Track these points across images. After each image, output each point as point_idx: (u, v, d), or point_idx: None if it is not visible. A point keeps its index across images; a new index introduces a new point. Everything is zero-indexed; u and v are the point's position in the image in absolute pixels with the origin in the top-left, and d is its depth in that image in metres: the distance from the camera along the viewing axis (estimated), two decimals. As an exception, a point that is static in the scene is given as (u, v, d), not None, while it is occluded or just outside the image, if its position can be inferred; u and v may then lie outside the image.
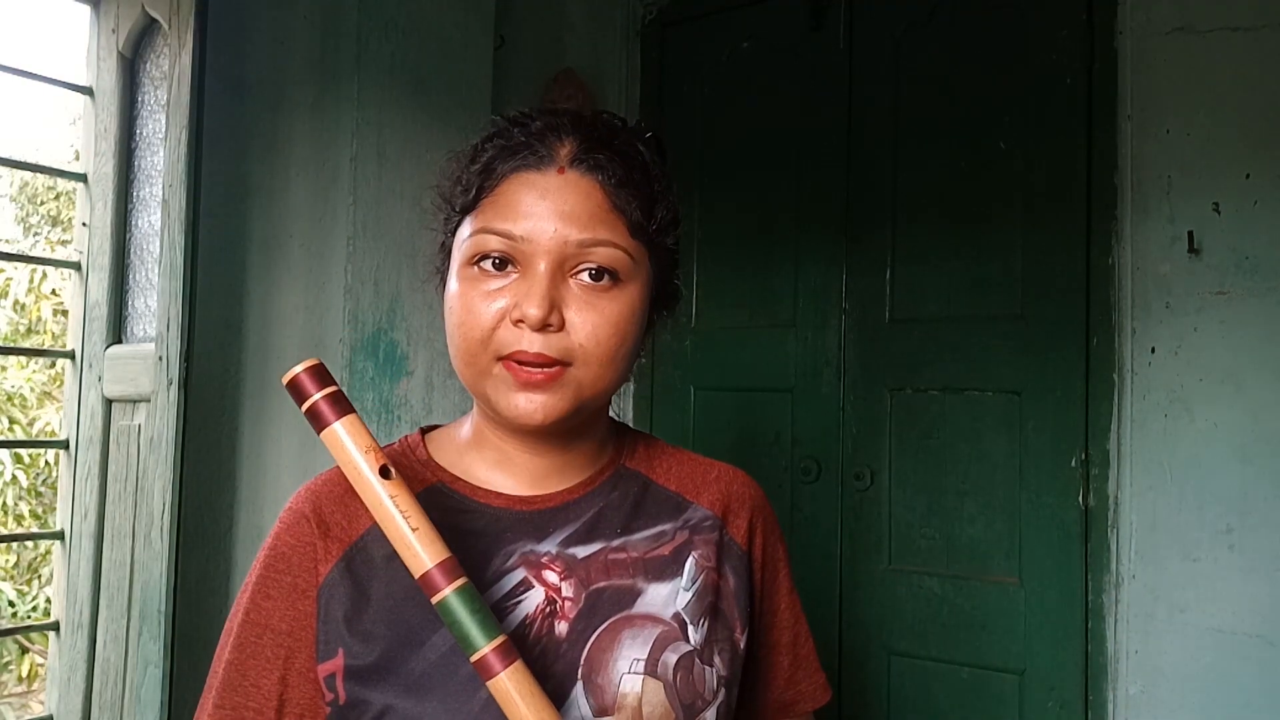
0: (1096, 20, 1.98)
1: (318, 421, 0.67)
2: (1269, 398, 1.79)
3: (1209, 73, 1.87)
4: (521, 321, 0.71)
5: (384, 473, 0.66)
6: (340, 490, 0.77)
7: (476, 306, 0.72)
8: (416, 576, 0.65)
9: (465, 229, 0.76)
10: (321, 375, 0.68)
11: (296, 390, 0.67)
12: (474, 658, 0.63)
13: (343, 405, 0.67)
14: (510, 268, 0.73)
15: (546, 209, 0.72)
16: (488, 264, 0.73)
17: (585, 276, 0.72)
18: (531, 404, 0.72)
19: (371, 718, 0.70)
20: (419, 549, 0.65)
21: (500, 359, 0.72)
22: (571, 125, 0.76)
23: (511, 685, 0.63)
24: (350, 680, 0.71)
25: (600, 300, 0.72)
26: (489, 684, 0.64)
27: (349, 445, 0.66)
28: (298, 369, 0.67)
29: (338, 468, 0.79)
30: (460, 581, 0.64)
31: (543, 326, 0.70)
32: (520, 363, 0.71)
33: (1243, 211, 1.83)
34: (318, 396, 0.66)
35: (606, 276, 0.73)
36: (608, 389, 0.75)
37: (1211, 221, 1.86)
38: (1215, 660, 1.81)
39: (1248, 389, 1.81)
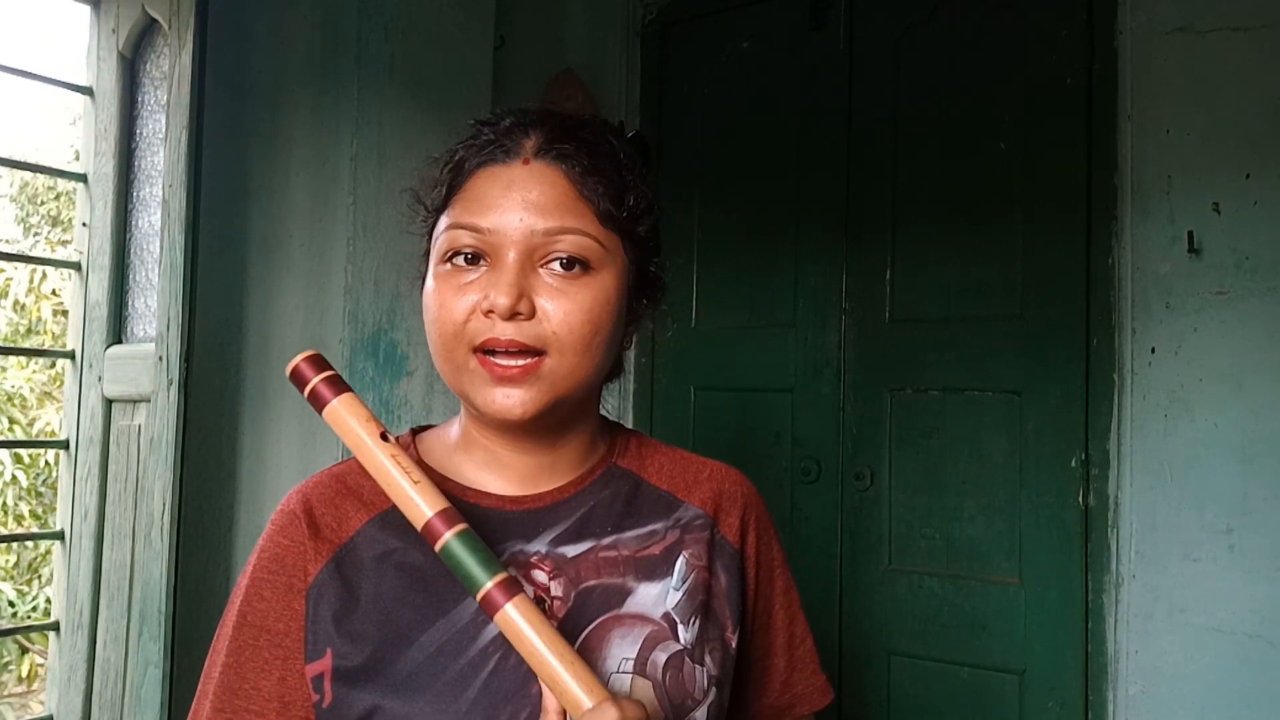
0: (1096, 20, 1.98)
1: (318, 403, 0.71)
2: (1269, 398, 1.79)
3: (1209, 73, 1.87)
4: (492, 312, 0.71)
5: (383, 438, 0.70)
6: (332, 491, 0.77)
7: (449, 301, 0.73)
8: (420, 527, 0.68)
9: (439, 227, 0.77)
10: (318, 363, 0.72)
11: (298, 378, 0.72)
12: (479, 595, 0.65)
13: (339, 386, 0.71)
14: (481, 261, 0.73)
15: (512, 200, 0.72)
16: (460, 259, 0.74)
17: (556, 265, 0.72)
18: (509, 399, 0.72)
19: (359, 718, 0.70)
20: (419, 501, 0.68)
21: (475, 350, 0.72)
22: (538, 119, 0.77)
23: (518, 615, 0.64)
24: (337, 681, 0.71)
25: (572, 288, 0.72)
26: (496, 618, 0.65)
27: (348, 418, 0.70)
28: (296, 359, 0.72)
29: (328, 470, 0.80)
30: (460, 527, 0.67)
31: (512, 315, 0.71)
32: (494, 351, 0.72)
33: (1243, 211, 1.83)
34: (316, 380, 0.71)
35: (577, 265, 0.73)
36: (585, 379, 0.75)
37: (1211, 221, 1.86)
38: (1215, 660, 1.81)
39: (1248, 389, 1.81)
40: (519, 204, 0.72)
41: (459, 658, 0.71)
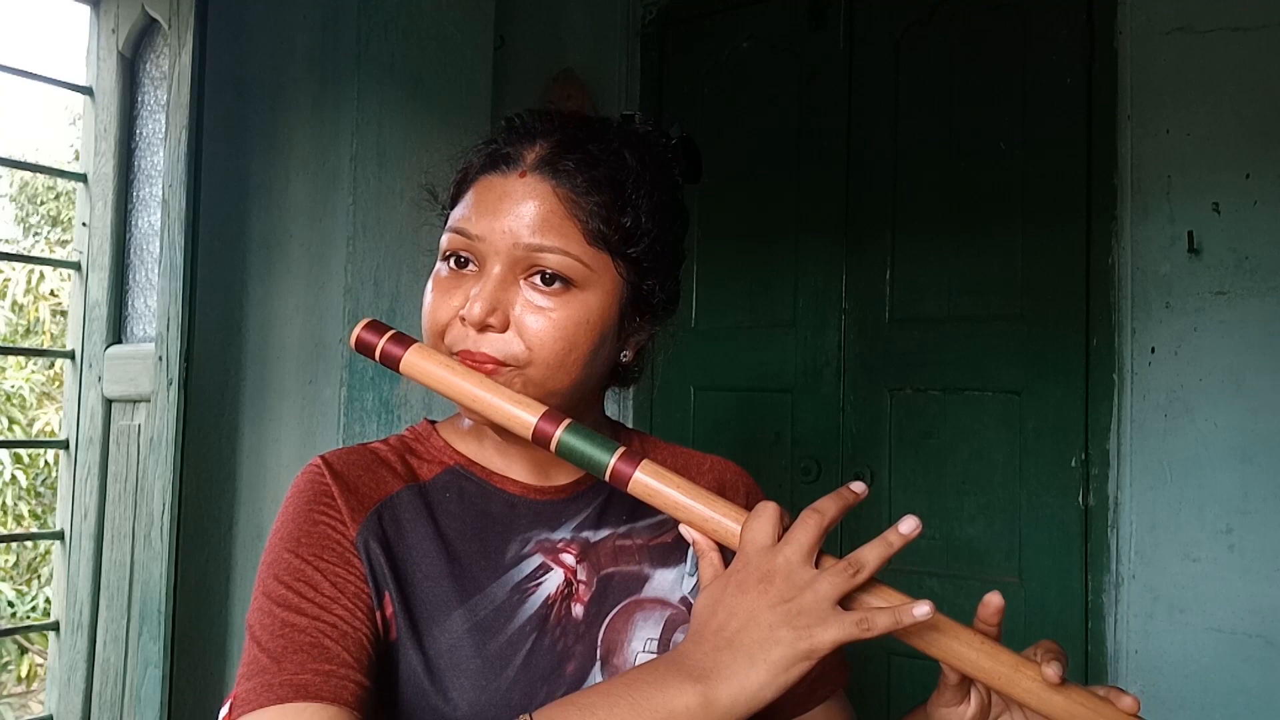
0: (1096, 20, 1.98)
1: (391, 361, 0.73)
2: (1269, 398, 1.79)
3: (1209, 73, 1.87)
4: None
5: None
6: (366, 460, 0.77)
7: (437, 302, 0.75)
8: (529, 434, 0.70)
9: (446, 225, 0.79)
10: (377, 327, 0.74)
11: (363, 346, 0.74)
12: (606, 473, 0.69)
13: (404, 340, 0.74)
14: (471, 266, 0.75)
15: (503, 211, 0.73)
16: (453, 261, 0.76)
17: (537, 279, 0.73)
18: None
19: (404, 677, 0.70)
20: (520, 412, 0.70)
21: (455, 353, 0.74)
22: (548, 128, 0.77)
23: (649, 477, 0.69)
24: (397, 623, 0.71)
25: (550, 304, 0.73)
26: (629, 487, 0.69)
27: (425, 363, 0.72)
28: (356, 329, 0.74)
29: (352, 446, 0.80)
30: (567, 421, 0.70)
31: (483, 327, 0.72)
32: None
33: (1243, 211, 1.83)
34: (382, 342, 0.73)
35: (558, 281, 0.73)
36: (563, 389, 0.75)
37: (1211, 221, 1.86)
38: (1215, 660, 1.81)
39: (1248, 389, 1.81)
40: (508, 216, 0.73)
41: (498, 636, 0.72)
